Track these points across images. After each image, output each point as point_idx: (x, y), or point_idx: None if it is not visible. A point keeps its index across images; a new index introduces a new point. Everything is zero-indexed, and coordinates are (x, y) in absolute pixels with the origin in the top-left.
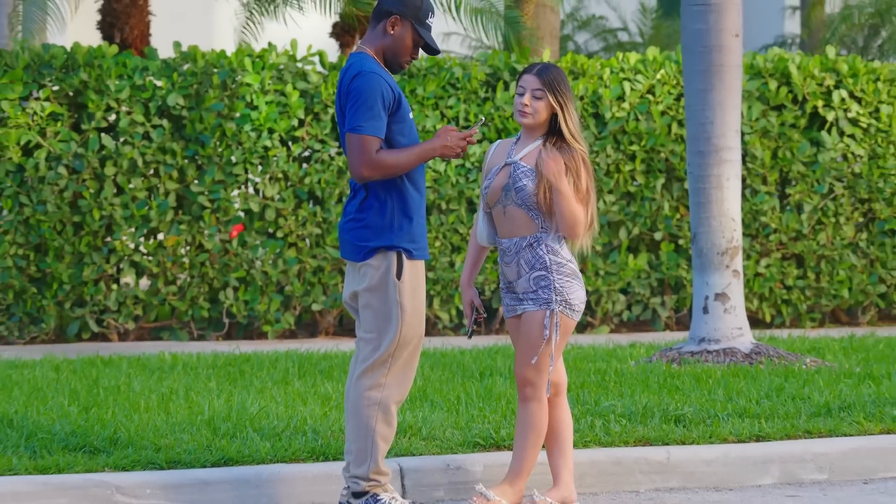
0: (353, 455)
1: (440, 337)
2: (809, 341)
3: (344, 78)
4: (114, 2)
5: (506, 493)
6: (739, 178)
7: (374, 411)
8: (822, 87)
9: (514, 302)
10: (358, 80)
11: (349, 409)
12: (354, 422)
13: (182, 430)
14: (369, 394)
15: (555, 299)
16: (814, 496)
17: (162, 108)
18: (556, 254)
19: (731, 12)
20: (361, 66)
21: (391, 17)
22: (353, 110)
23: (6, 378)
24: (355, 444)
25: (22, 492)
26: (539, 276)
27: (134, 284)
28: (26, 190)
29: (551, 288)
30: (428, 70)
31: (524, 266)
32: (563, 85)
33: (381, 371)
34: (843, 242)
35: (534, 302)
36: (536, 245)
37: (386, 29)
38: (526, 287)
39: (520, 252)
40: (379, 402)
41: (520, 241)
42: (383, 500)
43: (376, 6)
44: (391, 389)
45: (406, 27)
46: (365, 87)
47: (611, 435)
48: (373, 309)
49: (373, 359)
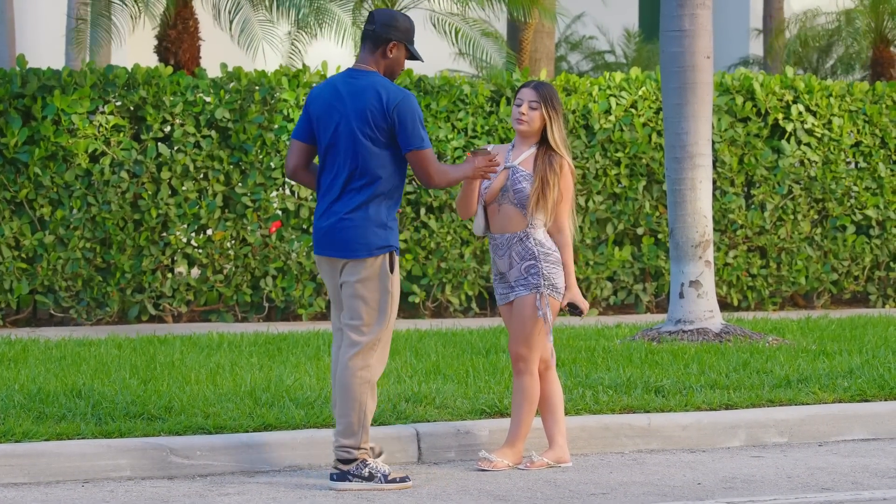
0: (344, 427)
1: (451, 319)
2: (771, 322)
3: (383, 97)
4: (169, 29)
5: (506, 455)
6: (710, 181)
7: (365, 389)
8: (782, 102)
9: (507, 290)
10: (409, 102)
11: (342, 388)
12: (348, 398)
13: (227, 400)
14: (361, 374)
15: (543, 283)
16: (775, 457)
17: (210, 120)
18: (542, 245)
19: (703, 37)
20: (400, 88)
21: (390, 43)
22: (414, 128)
23: (75, 355)
24: (348, 417)
25: (88, 453)
26: (529, 266)
27: (186, 273)
28: (93, 192)
29: (540, 274)
30: (440, 87)
31: (515, 258)
32: (554, 100)
33: (370, 353)
34: (800, 236)
35: (525, 287)
36: (526, 239)
37: (386, 53)
38: (517, 275)
39: (511, 246)
40: (369, 380)
41: (511, 237)
42: (371, 463)
43: (372, 32)
44: (376, 368)
45: (401, 49)
46: (416, 108)
47: (599, 403)
48: (366, 299)
49: (364, 343)
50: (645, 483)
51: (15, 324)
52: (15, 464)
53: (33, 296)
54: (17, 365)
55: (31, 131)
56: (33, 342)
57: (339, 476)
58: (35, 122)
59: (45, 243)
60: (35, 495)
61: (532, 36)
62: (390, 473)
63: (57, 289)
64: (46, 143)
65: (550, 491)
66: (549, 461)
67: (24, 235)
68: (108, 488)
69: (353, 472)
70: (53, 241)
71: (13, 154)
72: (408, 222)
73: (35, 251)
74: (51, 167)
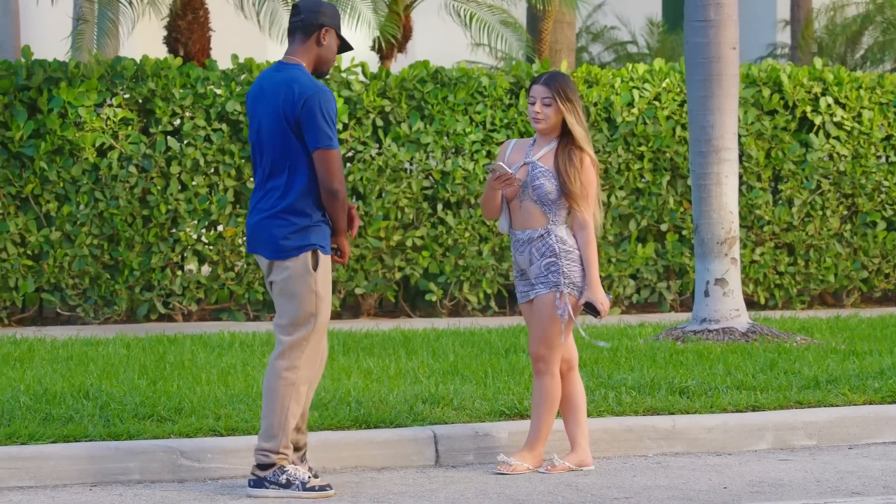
0: (264, 429)
1: (469, 318)
2: (799, 321)
3: (295, 91)
4: (178, 19)
5: (526, 458)
6: (737, 176)
7: (289, 391)
8: (811, 95)
9: (527, 288)
10: (319, 97)
11: (266, 389)
12: (270, 400)
13: (239, 401)
14: (286, 374)
15: (563, 282)
16: (804, 460)
17: (221, 113)
18: (563, 243)
19: (729, 27)
20: (315, 84)
21: (322, 29)
22: (320, 125)
23: (83, 354)
24: (268, 420)
25: (96, 456)
26: (549, 263)
27: (196, 271)
28: (101, 187)
29: (560, 272)
30: (458, 79)
31: (535, 254)
32: (569, 91)
33: (296, 354)
34: (829, 233)
35: (544, 285)
36: (547, 236)
37: (319, 40)
38: (537, 273)
39: (532, 242)
40: (293, 382)
41: (532, 233)
42: (289, 470)
43: (301, 22)
44: (304, 371)
45: (332, 35)
46: (327, 104)
47: (622, 405)
48: (290, 298)
49: (288, 343)
50: (669, 487)
51: (20, 322)
52: (21, 466)
53: (39, 294)
54: (22, 365)
55: (36, 124)
56: (39, 341)
57: (255, 482)
58: (41, 115)
59: (52, 240)
60: (42, 499)
61: (552, 26)
62: (309, 481)
63: (63, 287)
64: (52, 137)
65: (572, 495)
66: (571, 464)
67: (29, 232)
68: (117, 492)
69: (270, 479)
70: (60, 238)
71: (18, 148)
72: (424, 218)
73: (41, 248)
74: (57, 161)
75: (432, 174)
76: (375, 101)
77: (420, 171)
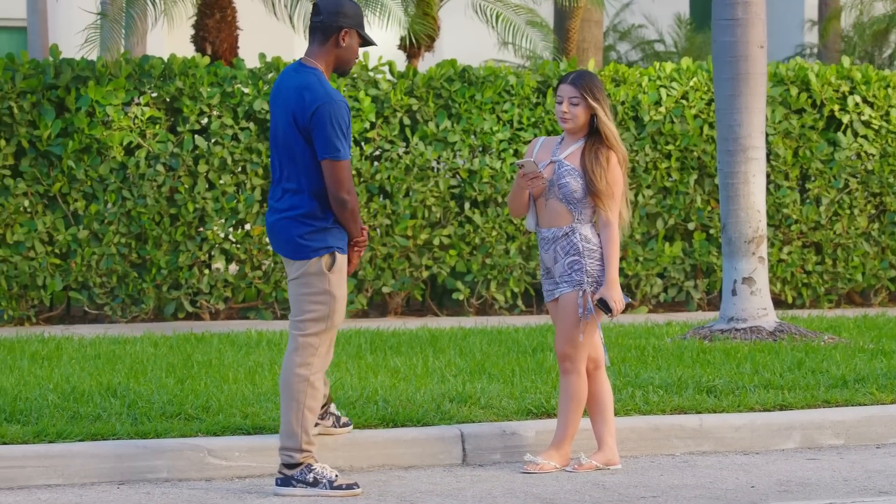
0: (283, 428)
1: (496, 316)
2: (827, 320)
3: (306, 99)
4: (206, 18)
5: (553, 457)
6: (764, 175)
7: (303, 387)
8: (838, 93)
9: (553, 286)
10: (329, 107)
11: (282, 387)
12: (286, 398)
13: (267, 399)
14: (299, 371)
15: (586, 281)
16: (831, 459)
17: (249, 112)
18: (588, 241)
19: (757, 26)
20: (328, 92)
21: (342, 31)
22: (329, 136)
23: (110, 353)
24: (286, 417)
25: (124, 454)
26: (573, 261)
27: (224, 269)
28: (128, 185)
29: (583, 271)
30: (485, 78)
31: (560, 252)
32: (596, 89)
33: (311, 352)
34: (857, 232)
35: (568, 284)
36: (571, 234)
37: (339, 42)
38: (562, 271)
39: (556, 240)
40: (307, 378)
41: (557, 231)
42: (316, 468)
43: (321, 23)
44: (318, 368)
45: (353, 36)
46: (338, 114)
47: (649, 404)
48: (306, 298)
49: (302, 342)
50: (696, 486)
51: (48, 321)
52: (49, 465)
53: (67, 292)
54: (50, 363)
55: (64, 123)
56: (67, 340)
57: (282, 481)
58: (69, 114)
59: (79, 238)
60: (69, 497)
61: (579, 25)
62: (336, 479)
63: (91, 285)
64: (80, 136)
65: (599, 494)
66: (598, 463)
67: (57, 230)
68: (144, 490)
69: (297, 478)
70: (87, 236)
71: (46, 147)
72: (451, 217)
73: (69, 246)
74: (85, 160)
75: (459, 173)
76: (403, 99)
77: (447, 170)
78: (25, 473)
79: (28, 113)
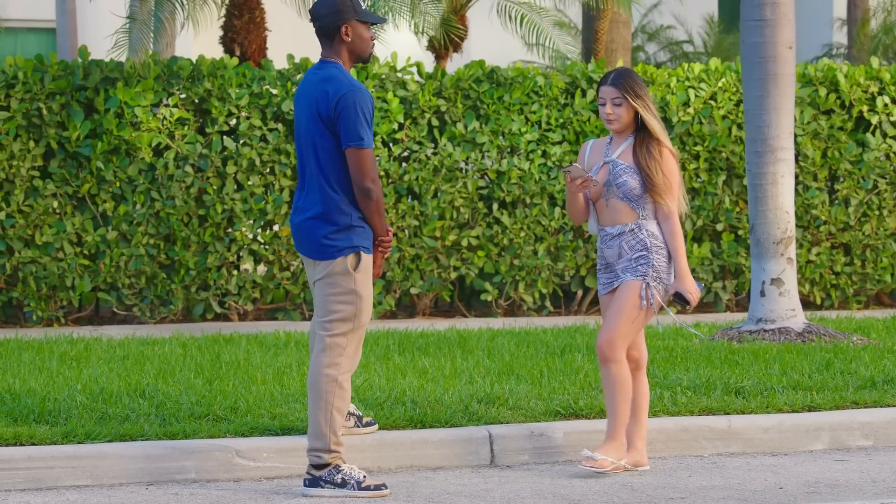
0: (312, 428)
1: (524, 317)
2: (856, 321)
3: (329, 90)
4: (234, 19)
5: (609, 452)
6: (793, 176)
7: (332, 387)
8: (867, 94)
9: (612, 278)
10: (353, 96)
11: (310, 387)
12: (314, 398)
13: (295, 400)
14: (327, 371)
15: (651, 274)
16: (860, 460)
17: (277, 113)
18: (654, 237)
19: (785, 27)
20: (350, 81)
21: (342, 28)
22: (353, 124)
23: (139, 354)
24: (315, 417)
25: (153, 455)
26: (640, 256)
27: (252, 270)
28: (157, 187)
29: (650, 265)
30: (514, 79)
31: (626, 248)
32: (637, 87)
33: (338, 352)
34: (886, 233)
35: (632, 273)
36: (638, 231)
37: (343, 38)
38: (626, 265)
39: (622, 236)
40: (335, 378)
41: (622, 227)
42: (344, 469)
43: (320, 29)
44: (346, 368)
45: (356, 26)
46: (362, 102)
47: (678, 405)
48: (333, 298)
49: (330, 342)
50: (725, 487)
51: (77, 322)
52: (78, 465)
53: (96, 293)
54: (79, 364)
55: (93, 124)
56: (96, 341)
57: (311, 482)
58: (97, 115)
59: (108, 239)
60: (98, 498)
61: (608, 26)
62: (364, 480)
63: (120, 286)
64: (109, 137)
65: (627, 495)
66: (627, 464)
67: (86, 231)
68: (173, 491)
69: (325, 478)
70: (116, 237)
71: (75, 148)
72: (480, 218)
73: (97, 247)
74: (114, 161)
75: (488, 174)
76: (431, 100)
77: (475, 171)
78: (54, 474)
79: (57, 114)
